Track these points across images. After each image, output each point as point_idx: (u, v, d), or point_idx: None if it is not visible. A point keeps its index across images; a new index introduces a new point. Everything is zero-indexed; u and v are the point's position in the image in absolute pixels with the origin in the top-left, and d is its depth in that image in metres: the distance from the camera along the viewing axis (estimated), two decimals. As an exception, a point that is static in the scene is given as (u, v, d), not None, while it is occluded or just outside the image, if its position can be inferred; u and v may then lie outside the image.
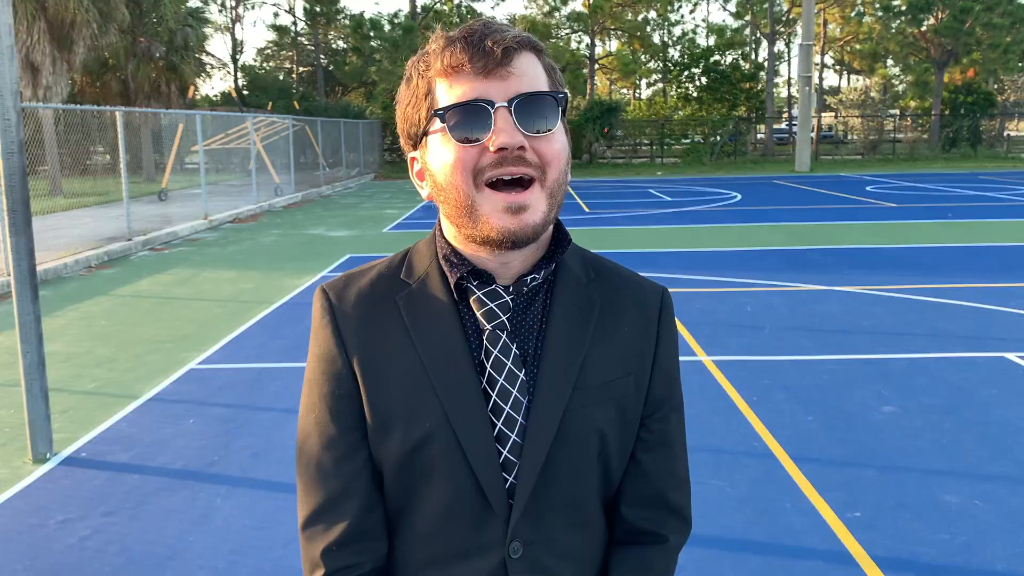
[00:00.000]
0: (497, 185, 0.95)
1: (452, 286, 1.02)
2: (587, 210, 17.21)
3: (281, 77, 42.55)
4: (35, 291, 4.69)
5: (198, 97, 34.39)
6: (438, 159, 0.98)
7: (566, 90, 1.01)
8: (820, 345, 6.38)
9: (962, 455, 4.27)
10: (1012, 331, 6.67)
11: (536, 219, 0.96)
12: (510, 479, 1.01)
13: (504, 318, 1.02)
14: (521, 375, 1.02)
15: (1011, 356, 5.96)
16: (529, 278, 1.02)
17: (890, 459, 4.24)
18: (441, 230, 1.06)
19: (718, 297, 8.26)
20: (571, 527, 1.06)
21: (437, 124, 0.97)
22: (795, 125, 32.46)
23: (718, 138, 35.50)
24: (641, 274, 1.16)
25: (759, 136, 39.80)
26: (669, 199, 19.70)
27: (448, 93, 0.95)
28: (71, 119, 16.04)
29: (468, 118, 0.94)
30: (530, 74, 0.96)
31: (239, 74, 40.07)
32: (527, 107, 0.95)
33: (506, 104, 0.93)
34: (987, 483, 3.94)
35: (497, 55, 0.94)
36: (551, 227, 1.04)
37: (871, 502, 3.77)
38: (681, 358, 5.98)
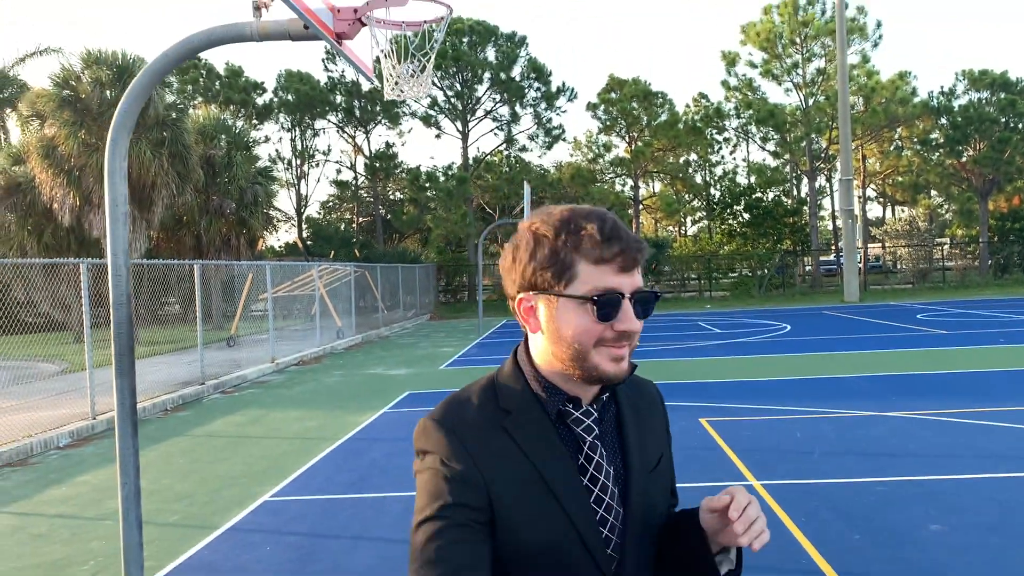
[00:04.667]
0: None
1: (553, 411, 1.29)
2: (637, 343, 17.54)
3: (342, 227, 44.76)
4: (135, 427, 5.21)
5: (264, 248, 36.33)
6: (571, 321, 1.24)
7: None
8: (867, 468, 6.52)
9: (1012, 570, 4.38)
10: (1062, 451, 6.71)
11: (628, 366, 1.28)
12: (609, 551, 1.29)
13: (597, 430, 1.31)
14: (612, 471, 1.31)
15: (1060, 475, 6.02)
16: (605, 396, 1.34)
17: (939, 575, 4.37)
18: (531, 364, 1.32)
19: (767, 425, 8.45)
20: None
21: (577, 292, 1.24)
22: (842, 256, 32.76)
23: (765, 271, 35.91)
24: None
25: (807, 268, 40.11)
26: (719, 331, 19.96)
27: (598, 277, 1.23)
28: (151, 273, 17.25)
29: (607, 303, 1.23)
30: (639, 272, 1.28)
31: (303, 225, 42.32)
32: (641, 300, 1.26)
33: (630, 296, 1.24)
34: (1032, 595, 4.04)
35: (634, 260, 1.25)
36: None
37: (916, 614, 3.90)
38: (732, 483, 6.22)
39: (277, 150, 41.58)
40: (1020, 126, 36.11)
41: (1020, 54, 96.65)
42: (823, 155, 38.48)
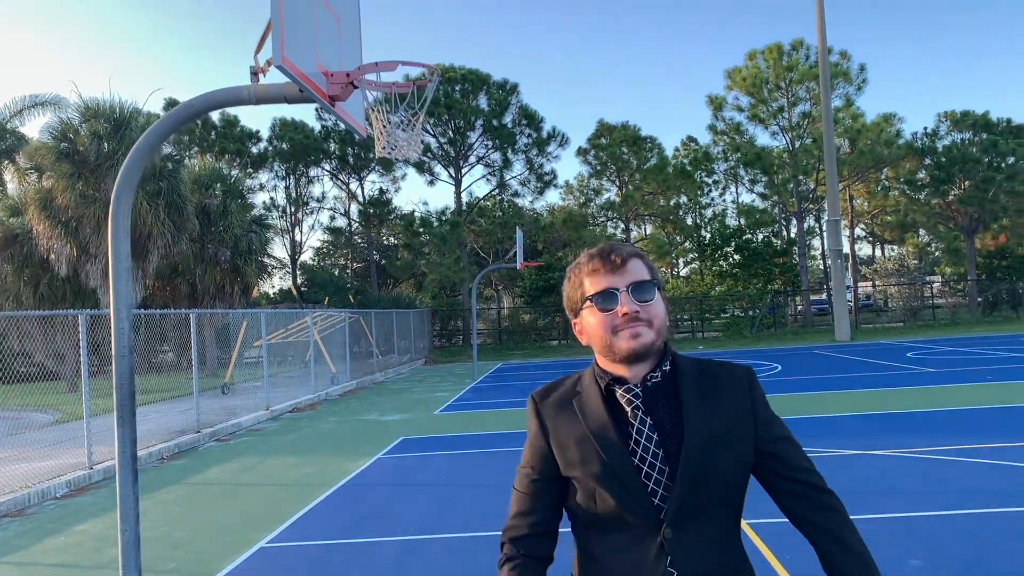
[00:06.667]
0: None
1: (603, 388, 1.71)
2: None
3: (336, 273, 45.02)
4: (135, 475, 5.35)
5: (259, 295, 36.49)
6: (591, 322, 1.70)
7: (660, 277, 1.76)
8: (851, 506, 6.67)
9: (983, 603, 4.52)
10: (1041, 487, 6.87)
11: (648, 340, 1.66)
12: (656, 501, 1.62)
13: (638, 402, 1.67)
14: (656, 436, 1.65)
15: (1038, 510, 6.18)
16: (650, 375, 1.69)
17: (913, 608, 4.51)
18: (595, 362, 1.76)
19: (755, 465, 8.59)
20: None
21: (588, 303, 1.70)
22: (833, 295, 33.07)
23: (757, 311, 36.18)
24: (727, 360, 1.85)
25: (798, 307, 40.43)
26: (711, 373, 20.10)
27: (595, 284, 1.69)
28: (147, 322, 17.38)
29: (606, 299, 1.67)
30: (636, 270, 1.69)
31: (298, 272, 42.55)
32: (638, 289, 1.67)
33: (625, 289, 1.66)
34: (1005, 627, 4.19)
35: (618, 262, 1.68)
36: (662, 348, 1.72)
37: (892, 646, 4.03)
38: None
39: (272, 198, 41.74)
40: (1003, 165, 36.77)
41: (1000, 95, 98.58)
42: (811, 196, 39.00)
